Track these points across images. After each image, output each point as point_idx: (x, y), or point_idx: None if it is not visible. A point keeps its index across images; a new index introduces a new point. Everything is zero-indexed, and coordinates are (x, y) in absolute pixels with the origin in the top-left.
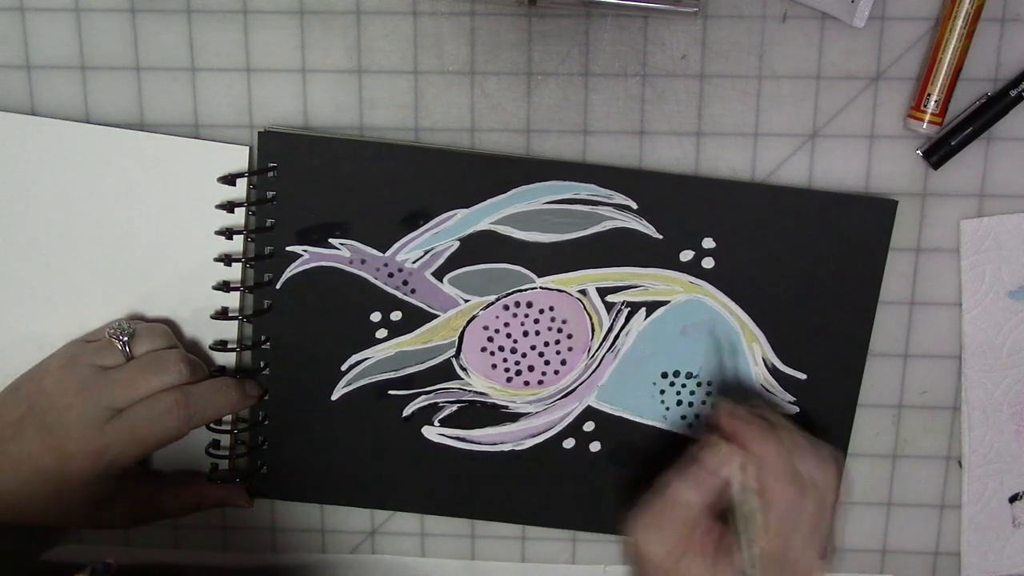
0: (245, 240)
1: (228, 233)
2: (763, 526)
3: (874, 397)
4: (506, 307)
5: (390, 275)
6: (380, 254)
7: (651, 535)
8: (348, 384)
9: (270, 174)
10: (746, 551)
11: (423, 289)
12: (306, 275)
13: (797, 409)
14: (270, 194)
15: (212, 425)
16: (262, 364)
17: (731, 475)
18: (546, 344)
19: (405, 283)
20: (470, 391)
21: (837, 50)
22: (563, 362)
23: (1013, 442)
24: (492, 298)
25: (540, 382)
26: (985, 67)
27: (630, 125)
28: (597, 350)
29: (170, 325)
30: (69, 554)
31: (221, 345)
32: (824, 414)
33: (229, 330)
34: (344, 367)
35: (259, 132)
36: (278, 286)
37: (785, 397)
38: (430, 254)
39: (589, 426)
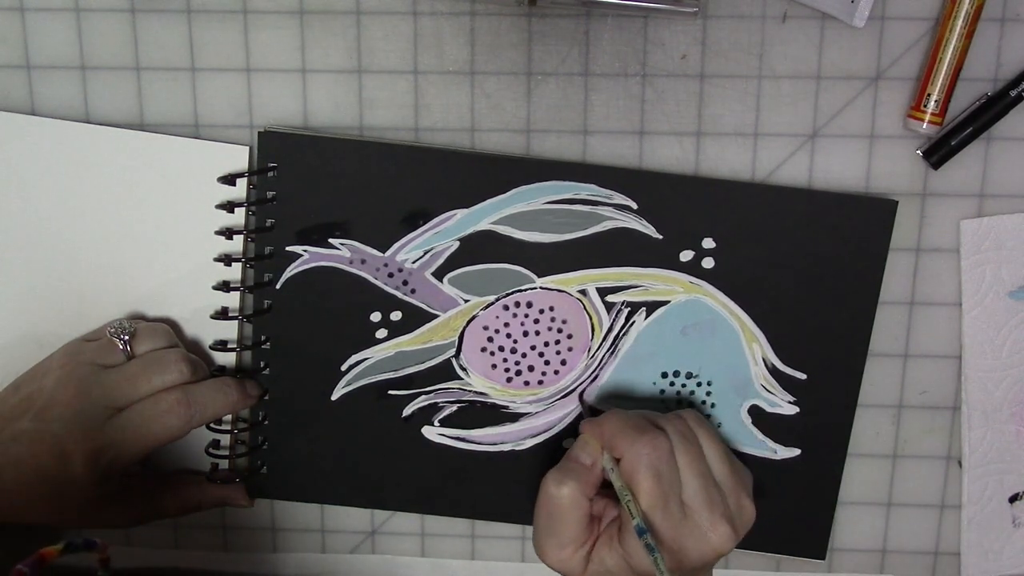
0: (245, 240)
1: (228, 233)
2: (635, 483)
3: (874, 397)
4: (506, 307)
5: (390, 275)
6: (380, 254)
7: (549, 542)
8: (348, 384)
9: (270, 174)
10: (628, 507)
11: (423, 289)
12: (306, 275)
13: (796, 409)
14: (270, 194)
15: (212, 425)
16: (262, 364)
17: (603, 462)
18: (546, 344)
19: (405, 283)
20: (470, 391)
21: (837, 50)
22: (563, 362)
23: (1013, 442)
24: (492, 298)
25: (540, 382)
26: (985, 67)
27: (630, 125)
28: (597, 350)
29: (170, 325)
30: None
31: (221, 345)
32: (824, 414)
33: (229, 330)
34: (344, 367)
35: (259, 132)
36: (278, 286)
37: (785, 397)
38: (430, 254)
39: None
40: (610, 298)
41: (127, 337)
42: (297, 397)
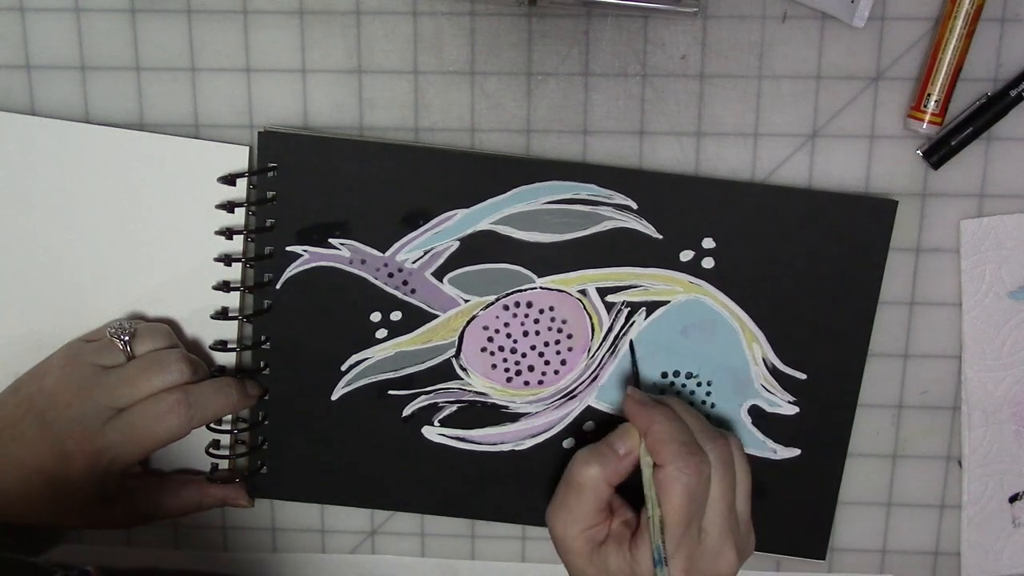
0: (245, 240)
1: (228, 233)
2: (667, 498)
3: (874, 397)
4: (506, 307)
5: (390, 275)
6: (380, 254)
7: (560, 514)
8: (348, 384)
9: (270, 174)
10: (652, 524)
11: (423, 289)
12: (306, 275)
13: (796, 409)
14: (270, 194)
15: (212, 425)
16: (262, 364)
17: (639, 454)
18: (546, 344)
19: (405, 283)
20: (470, 391)
21: (837, 50)
22: (563, 362)
23: (1013, 442)
24: (492, 298)
25: (540, 382)
26: (985, 67)
27: (630, 125)
28: (597, 350)
29: (170, 325)
30: (69, 554)
31: (221, 345)
32: (824, 414)
33: (229, 330)
34: (344, 367)
35: (259, 132)
36: (278, 286)
37: (785, 397)
38: (430, 254)
39: (589, 426)
40: (610, 298)
41: (127, 337)
42: (297, 397)
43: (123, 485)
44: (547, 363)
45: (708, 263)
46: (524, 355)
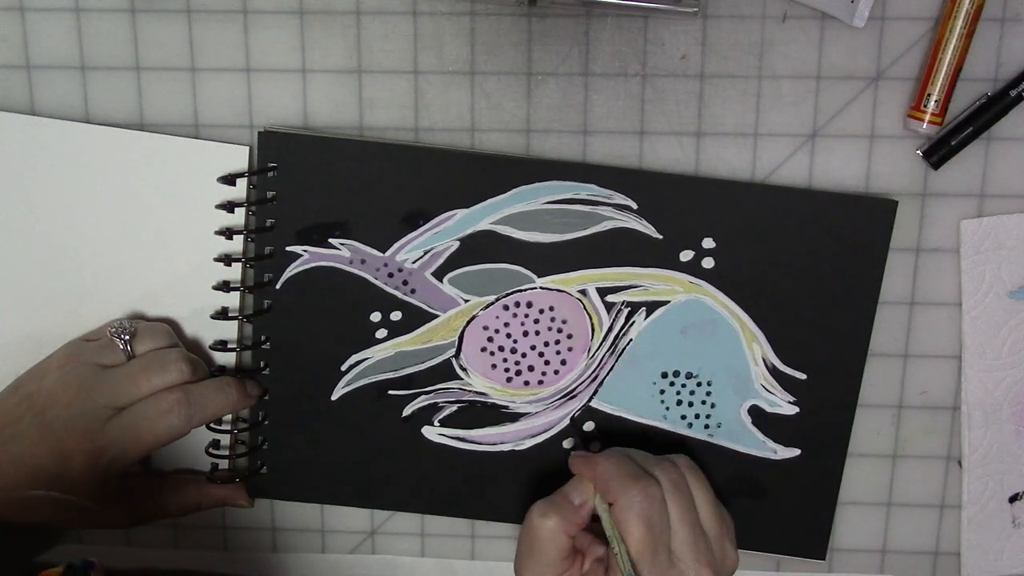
0: (245, 240)
1: (228, 233)
2: (627, 531)
3: (874, 397)
4: (506, 307)
5: (390, 275)
6: (380, 254)
7: (527, 567)
8: (348, 384)
9: (270, 174)
10: (621, 559)
11: (423, 289)
12: (306, 275)
13: (796, 409)
14: (270, 194)
15: (212, 425)
16: (262, 364)
17: (595, 503)
18: (546, 344)
19: (405, 283)
20: (470, 391)
21: (837, 50)
22: (563, 362)
23: (1013, 442)
24: (492, 298)
25: (540, 382)
26: (985, 67)
27: (630, 125)
28: (597, 350)
29: (170, 325)
30: (69, 554)
31: (221, 345)
32: (824, 414)
33: (229, 330)
34: (344, 367)
35: (259, 132)
36: (278, 286)
37: (785, 397)
38: (430, 254)
39: (589, 426)
40: (610, 298)
41: (127, 337)
42: (297, 397)
43: (123, 485)
44: (547, 363)
45: (708, 263)
46: (524, 355)
